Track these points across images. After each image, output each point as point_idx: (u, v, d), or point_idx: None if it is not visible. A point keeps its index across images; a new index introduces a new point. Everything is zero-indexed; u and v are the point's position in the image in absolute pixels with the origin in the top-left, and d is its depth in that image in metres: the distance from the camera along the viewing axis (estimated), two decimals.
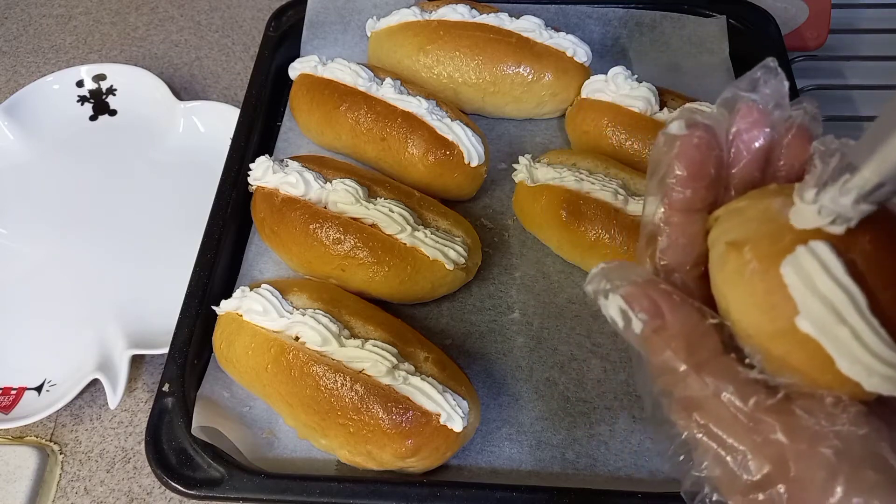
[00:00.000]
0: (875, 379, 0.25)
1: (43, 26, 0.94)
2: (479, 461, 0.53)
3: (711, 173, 0.31)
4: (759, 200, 0.29)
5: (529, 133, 0.73)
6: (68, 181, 0.76)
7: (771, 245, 0.28)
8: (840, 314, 0.25)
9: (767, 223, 0.28)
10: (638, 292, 0.31)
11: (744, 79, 0.32)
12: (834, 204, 0.25)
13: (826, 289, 0.25)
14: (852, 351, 0.25)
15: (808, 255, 0.26)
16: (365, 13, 0.77)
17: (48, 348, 0.64)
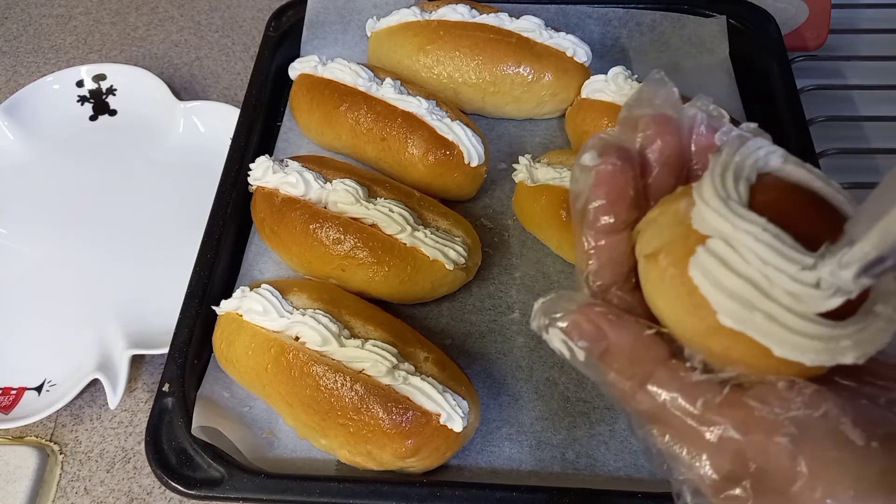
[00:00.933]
0: (810, 354, 0.25)
1: (43, 26, 0.94)
2: (479, 461, 0.53)
3: (630, 194, 0.31)
4: (668, 206, 0.30)
5: (529, 133, 0.73)
6: (68, 181, 0.76)
7: (681, 248, 0.28)
8: (749, 303, 0.26)
9: (676, 227, 0.29)
10: (576, 320, 0.32)
11: (635, 97, 0.33)
12: (834, 277, 0.25)
13: (729, 283, 0.26)
14: (775, 334, 0.26)
15: (706, 254, 0.27)
16: (365, 13, 0.77)
17: (48, 348, 0.64)
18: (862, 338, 0.25)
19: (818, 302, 0.25)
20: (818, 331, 0.25)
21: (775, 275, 0.25)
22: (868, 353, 0.26)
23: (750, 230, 0.26)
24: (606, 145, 0.31)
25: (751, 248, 0.26)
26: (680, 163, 0.32)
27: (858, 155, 0.71)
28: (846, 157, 0.70)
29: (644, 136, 0.32)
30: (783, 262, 0.25)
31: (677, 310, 0.29)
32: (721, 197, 0.27)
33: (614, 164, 0.31)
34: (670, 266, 0.28)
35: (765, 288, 0.26)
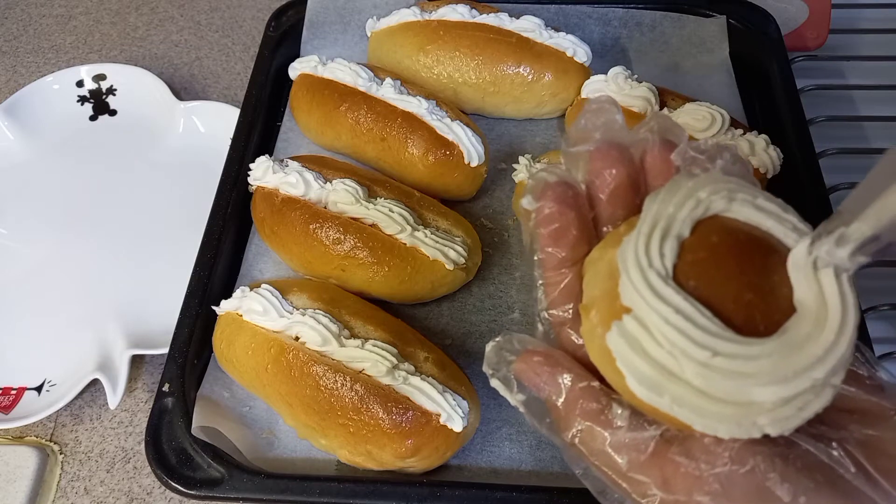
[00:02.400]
0: (722, 431, 0.25)
1: (43, 26, 0.94)
2: (479, 461, 0.53)
3: (573, 234, 0.31)
4: (605, 251, 0.30)
5: (529, 133, 0.73)
6: (68, 181, 0.76)
7: (607, 310, 0.28)
8: (659, 385, 0.26)
9: (608, 281, 0.28)
10: (520, 370, 0.32)
11: (574, 130, 0.33)
12: (830, 256, 0.25)
13: (639, 364, 0.26)
14: (687, 415, 0.25)
15: (618, 333, 0.27)
16: (365, 13, 0.77)
17: (48, 348, 0.64)
18: (782, 414, 0.25)
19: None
20: (734, 411, 0.25)
21: (684, 359, 0.25)
22: (791, 428, 0.25)
23: (662, 311, 0.25)
24: (544, 187, 0.31)
25: (661, 331, 0.25)
26: (632, 190, 0.32)
27: (858, 155, 0.71)
28: (846, 157, 0.70)
29: (587, 171, 0.32)
30: (693, 347, 0.25)
31: (604, 367, 0.29)
32: (640, 266, 0.26)
33: (550, 207, 0.31)
34: (598, 326, 0.28)
35: (675, 371, 0.25)
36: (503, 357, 0.33)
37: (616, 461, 0.29)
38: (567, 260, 0.32)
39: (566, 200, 0.31)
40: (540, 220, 0.32)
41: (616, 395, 0.30)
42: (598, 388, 0.30)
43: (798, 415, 0.25)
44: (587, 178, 0.32)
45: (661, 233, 0.26)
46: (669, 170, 0.31)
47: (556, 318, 0.33)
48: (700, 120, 0.62)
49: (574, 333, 0.32)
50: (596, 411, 0.30)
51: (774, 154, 0.61)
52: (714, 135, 0.62)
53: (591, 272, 0.30)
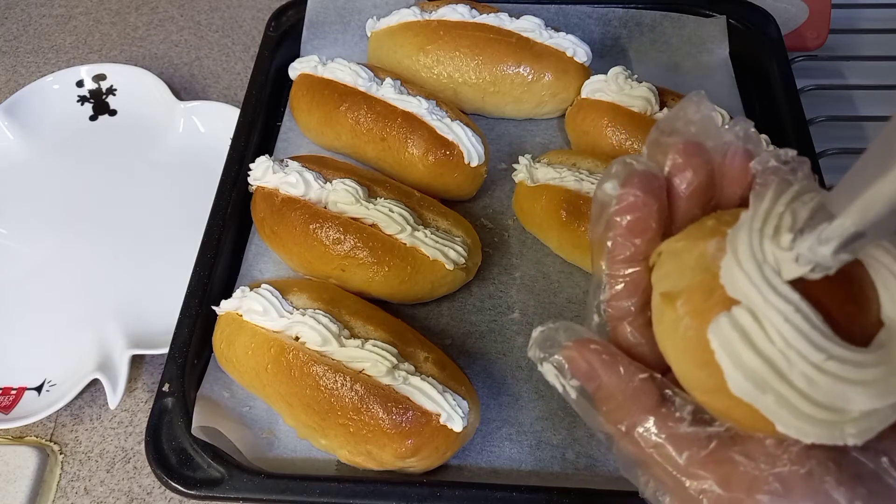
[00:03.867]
0: (812, 436, 0.25)
1: (43, 26, 0.94)
2: (479, 461, 0.53)
3: (653, 227, 0.31)
4: (694, 242, 0.29)
5: (529, 133, 0.73)
6: (68, 181, 0.76)
7: (703, 300, 0.27)
8: (764, 383, 0.25)
9: (700, 273, 0.28)
10: (570, 356, 0.31)
11: (668, 118, 0.32)
12: (812, 253, 0.24)
13: (748, 360, 0.25)
14: (783, 416, 0.25)
15: (728, 324, 0.26)
16: (365, 13, 0.77)
17: (48, 348, 0.64)
18: (866, 425, 0.25)
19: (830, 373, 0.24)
20: (826, 416, 0.25)
21: (797, 359, 0.24)
22: (870, 437, 0.25)
23: (781, 308, 0.25)
24: (630, 173, 0.30)
25: (777, 328, 0.25)
26: (709, 191, 0.31)
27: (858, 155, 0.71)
28: (846, 157, 0.70)
29: (672, 164, 0.31)
30: (809, 348, 0.24)
31: (686, 361, 0.28)
32: (757, 260, 0.25)
33: (636, 195, 0.30)
34: (687, 317, 0.27)
35: (783, 370, 0.25)
36: (555, 341, 0.32)
37: (674, 455, 0.28)
38: (640, 252, 0.31)
39: (653, 191, 0.30)
40: (622, 207, 0.30)
41: (678, 390, 0.30)
42: (660, 380, 0.30)
43: (876, 427, 0.25)
44: (670, 172, 0.31)
45: (773, 231, 0.26)
46: (746, 177, 0.31)
47: (618, 311, 0.32)
48: None
49: (632, 329, 0.32)
50: (658, 403, 0.29)
51: None
52: None
53: (675, 262, 0.29)
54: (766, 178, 0.30)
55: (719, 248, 0.27)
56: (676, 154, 0.31)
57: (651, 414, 0.29)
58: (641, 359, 0.31)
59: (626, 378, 0.30)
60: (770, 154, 0.30)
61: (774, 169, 0.30)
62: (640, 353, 0.31)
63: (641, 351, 0.31)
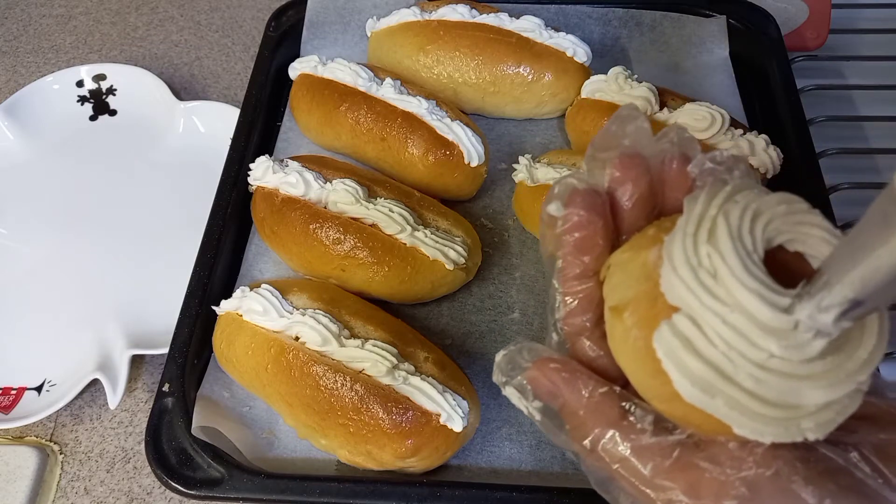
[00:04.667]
0: (769, 435, 0.25)
1: (43, 26, 0.94)
2: (479, 461, 0.53)
3: (600, 243, 0.31)
4: (637, 252, 0.29)
5: (529, 133, 0.73)
6: (68, 181, 0.76)
7: (647, 309, 0.27)
8: (712, 387, 0.25)
9: (644, 282, 0.28)
10: (532, 377, 0.31)
11: (602, 135, 0.32)
12: (812, 321, 0.24)
13: (693, 366, 0.25)
14: (736, 418, 0.25)
15: (670, 332, 0.26)
16: (365, 13, 0.77)
17: (48, 348, 0.64)
18: (825, 418, 0.25)
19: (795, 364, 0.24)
20: (780, 414, 0.25)
21: (740, 360, 0.24)
22: (828, 432, 0.25)
23: (718, 311, 0.25)
24: (573, 193, 0.31)
25: (717, 331, 0.25)
26: (651, 200, 0.32)
27: (858, 155, 0.71)
28: (846, 157, 0.70)
29: (611, 178, 0.31)
30: (750, 348, 0.24)
31: (640, 371, 0.28)
32: (691, 265, 0.25)
33: (580, 215, 0.31)
34: (634, 328, 0.28)
35: (729, 372, 0.25)
36: (517, 364, 0.32)
37: (639, 467, 0.28)
38: (590, 269, 0.31)
39: (595, 208, 0.31)
40: (568, 227, 0.31)
41: (639, 401, 0.30)
42: (619, 392, 0.30)
43: (835, 419, 0.25)
44: (611, 186, 0.32)
45: (707, 234, 0.26)
46: (686, 181, 0.31)
47: (574, 328, 0.32)
48: (700, 120, 0.62)
49: (591, 344, 0.32)
50: (618, 416, 0.29)
51: (774, 154, 0.61)
52: (714, 135, 0.62)
53: (621, 274, 0.30)
54: (705, 180, 0.31)
55: (659, 256, 0.27)
56: (614, 168, 0.31)
57: (613, 428, 0.29)
58: (603, 371, 0.31)
59: (587, 394, 0.30)
60: (705, 156, 0.31)
61: (711, 170, 0.30)
62: (600, 366, 0.32)
63: (602, 364, 0.32)
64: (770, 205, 0.26)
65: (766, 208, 0.26)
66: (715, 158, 0.31)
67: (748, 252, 0.25)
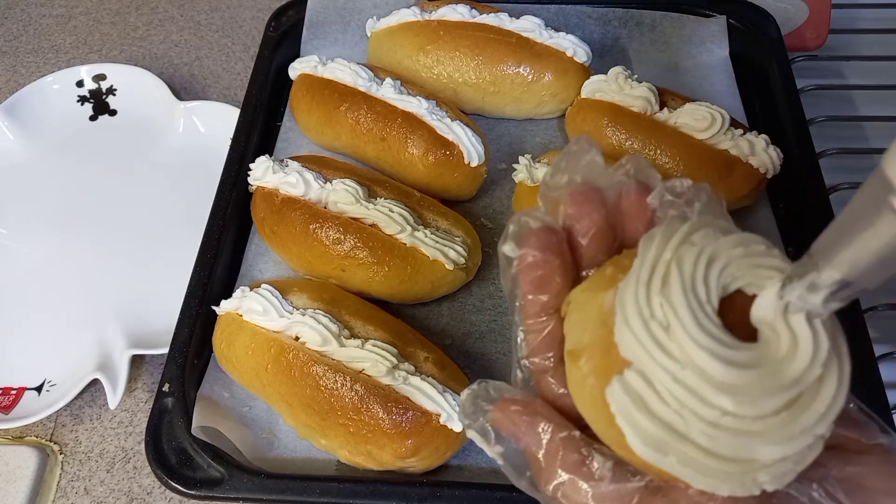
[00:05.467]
0: (725, 489, 0.25)
1: (43, 26, 0.94)
2: (479, 461, 0.53)
3: (558, 281, 0.30)
4: (594, 294, 0.29)
5: (529, 133, 0.73)
6: (68, 181, 0.76)
7: (601, 358, 0.27)
8: (664, 445, 0.25)
9: (600, 327, 0.27)
10: (495, 419, 0.31)
11: (552, 171, 0.32)
12: (802, 301, 0.24)
13: (644, 424, 0.25)
14: (690, 474, 0.25)
15: (621, 389, 0.25)
16: (365, 13, 0.77)
17: (48, 348, 0.64)
18: (780, 470, 0.24)
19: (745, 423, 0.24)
20: (735, 468, 0.24)
21: (692, 418, 0.24)
22: (788, 480, 0.25)
23: (669, 368, 0.24)
24: (527, 233, 0.30)
25: (668, 388, 0.24)
26: (610, 233, 0.31)
27: (858, 155, 0.71)
28: (846, 157, 0.70)
29: (565, 215, 0.31)
30: (702, 406, 0.24)
31: (597, 419, 0.28)
32: (643, 318, 0.25)
33: (534, 255, 0.30)
34: (591, 375, 0.27)
35: (681, 430, 0.24)
36: (479, 406, 0.32)
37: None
38: (549, 307, 0.31)
39: (550, 247, 0.30)
40: (523, 267, 0.31)
41: (598, 445, 0.29)
42: (579, 437, 0.29)
43: (794, 469, 0.25)
44: (566, 223, 0.31)
45: (660, 282, 0.25)
46: (645, 212, 0.31)
47: (537, 366, 0.32)
48: (700, 120, 0.62)
49: (555, 382, 0.31)
50: (578, 462, 0.29)
51: (774, 154, 0.62)
52: (714, 135, 0.62)
53: (578, 316, 0.29)
54: (665, 211, 0.30)
55: (614, 300, 0.27)
56: (567, 205, 0.31)
57: (573, 473, 0.29)
58: (569, 409, 0.31)
59: (546, 438, 0.30)
60: (664, 188, 0.30)
61: (670, 203, 0.30)
62: (565, 403, 0.31)
63: (567, 402, 0.31)
64: (726, 248, 0.26)
65: (721, 252, 0.26)
66: (674, 189, 0.30)
67: (701, 304, 0.25)
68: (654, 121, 0.64)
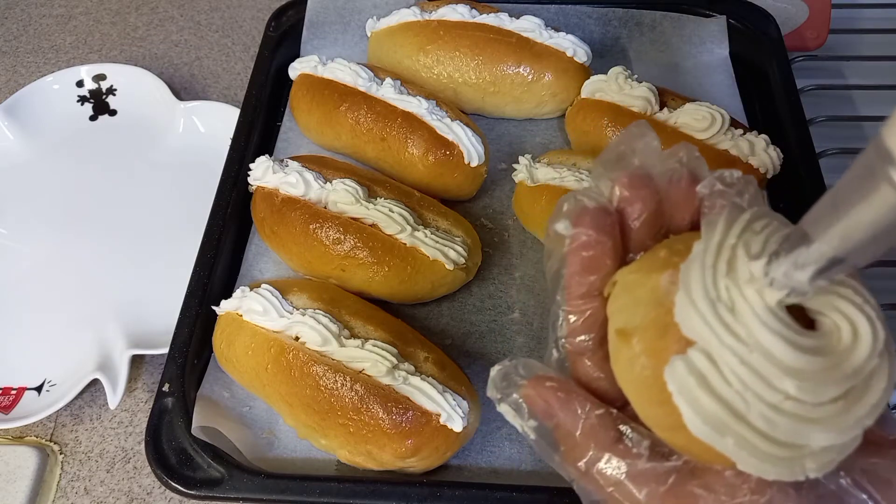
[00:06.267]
0: (772, 473, 0.25)
1: (43, 26, 0.94)
2: (479, 461, 0.53)
3: (608, 263, 0.30)
4: (647, 275, 0.29)
5: (529, 133, 0.73)
6: (68, 181, 0.76)
7: (657, 338, 0.27)
8: (724, 426, 0.25)
9: (654, 308, 0.27)
10: (527, 395, 0.31)
11: (611, 151, 0.32)
12: (787, 279, 0.23)
13: (706, 403, 0.25)
14: (743, 456, 0.25)
15: (685, 368, 0.25)
16: (365, 13, 0.77)
17: (48, 348, 0.64)
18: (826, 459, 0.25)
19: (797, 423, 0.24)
20: (786, 454, 0.24)
21: (754, 400, 0.24)
22: (830, 469, 0.25)
23: (736, 350, 0.24)
24: (581, 212, 0.30)
25: (733, 370, 0.24)
26: (659, 219, 0.31)
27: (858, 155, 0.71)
28: (846, 157, 0.70)
29: (620, 197, 0.31)
30: (766, 389, 0.24)
31: (644, 398, 0.28)
32: (710, 299, 0.25)
33: (589, 234, 0.30)
34: (643, 355, 0.27)
35: (741, 412, 0.24)
36: (512, 381, 0.32)
37: (634, 492, 0.28)
38: (595, 288, 0.31)
39: (605, 228, 0.30)
40: (576, 246, 0.30)
41: (635, 425, 0.29)
42: (616, 415, 0.30)
43: (836, 459, 0.25)
44: (619, 205, 0.31)
45: (726, 266, 0.25)
46: (693, 201, 0.31)
47: (576, 347, 0.32)
48: (700, 120, 0.62)
49: (591, 364, 0.31)
50: (614, 440, 0.29)
51: (774, 154, 0.61)
52: (714, 135, 0.62)
53: (629, 297, 0.29)
54: (714, 201, 0.30)
55: (672, 281, 0.27)
56: (622, 187, 0.31)
57: (608, 451, 0.29)
58: (602, 393, 0.31)
59: (583, 415, 0.30)
60: (715, 177, 0.30)
61: (720, 192, 0.30)
62: (599, 387, 0.31)
63: (601, 385, 0.31)
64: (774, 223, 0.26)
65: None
66: (725, 179, 0.30)
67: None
68: (654, 121, 0.64)
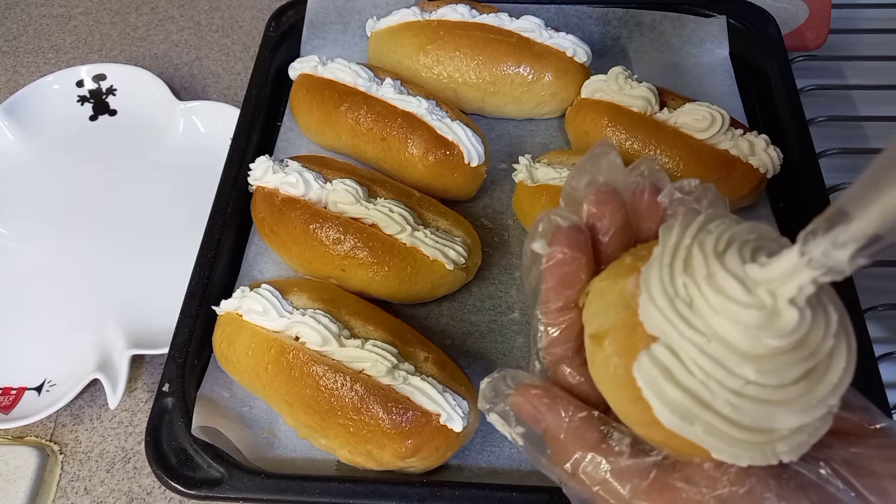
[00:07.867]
0: (746, 459, 0.26)
1: (43, 26, 0.94)
2: (479, 461, 0.53)
3: (582, 278, 0.32)
4: (615, 280, 0.30)
5: (529, 133, 0.73)
6: (68, 181, 0.76)
7: (626, 338, 0.28)
8: (691, 415, 0.26)
9: (622, 310, 0.29)
10: (515, 402, 0.33)
11: (575, 173, 0.34)
12: (826, 258, 0.23)
13: (672, 394, 0.26)
14: (714, 443, 0.26)
15: (649, 362, 0.26)
16: (365, 13, 0.77)
17: (48, 348, 0.64)
18: (797, 441, 0.26)
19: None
20: (756, 438, 0.25)
21: (717, 388, 0.25)
22: (802, 453, 0.26)
23: (695, 341, 0.25)
24: (556, 231, 0.32)
25: (695, 360, 0.25)
26: (627, 230, 0.33)
27: (858, 155, 0.71)
28: (846, 157, 0.70)
29: (589, 213, 0.33)
30: (727, 376, 0.25)
31: (620, 398, 0.29)
32: (668, 295, 0.26)
33: (564, 252, 0.32)
34: (614, 356, 0.28)
35: (707, 400, 0.25)
36: (500, 391, 0.34)
37: (618, 489, 0.29)
38: (571, 301, 0.33)
39: (578, 245, 0.32)
40: (553, 264, 0.32)
41: (617, 424, 0.31)
42: (598, 416, 0.31)
43: (808, 441, 0.26)
44: (588, 221, 0.33)
45: (682, 264, 0.27)
46: (658, 211, 0.33)
47: (556, 356, 0.34)
48: (700, 120, 0.62)
49: (571, 371, 0.33)
50: (597, 440, 0.30)
51: (774, 154, 0.61)
52: (714, 135, 0.62)
53: (600, 302, 0.30)
54: (675, 209, 0.32)
55: (637, 284, 0.28)
56: (591, 204, 0.33)
57: (593, 451, 0.30)
58: (584, 397, 0.33)
59: (567, 418, 0.31)
60: (674, 187, 0.32)
61: (679, 200, 0.32)
62: (581, 391, 0.33)
63: (583, 390, 0.33)
64: (741, 233, 0.27)
65: (737, 237, 0.27)
66: (683, 188, 0.32)
67: None
68: (655, 121, 0.64)
